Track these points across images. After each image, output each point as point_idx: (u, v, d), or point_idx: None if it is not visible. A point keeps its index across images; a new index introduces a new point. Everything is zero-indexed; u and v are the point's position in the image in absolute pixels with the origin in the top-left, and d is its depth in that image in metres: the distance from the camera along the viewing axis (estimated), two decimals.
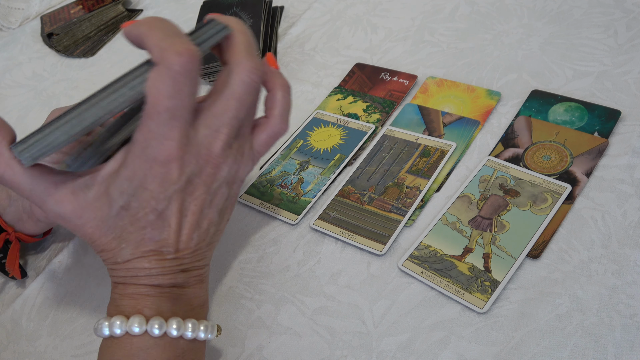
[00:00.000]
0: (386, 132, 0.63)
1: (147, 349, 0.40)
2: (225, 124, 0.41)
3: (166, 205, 0.41)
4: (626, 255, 0.47)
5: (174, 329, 0.41)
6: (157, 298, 0.42)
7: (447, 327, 0.47)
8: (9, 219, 0.59)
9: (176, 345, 0.41)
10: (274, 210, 0.59)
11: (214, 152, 0.41)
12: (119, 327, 0.41)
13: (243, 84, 0.40)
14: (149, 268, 0.42)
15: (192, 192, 0.41)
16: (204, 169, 0.41)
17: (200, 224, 0.43)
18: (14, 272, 0.59)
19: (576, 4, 0.69)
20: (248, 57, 0.40)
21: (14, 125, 0.89)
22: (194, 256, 0.44)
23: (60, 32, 0.96)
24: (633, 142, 0.54)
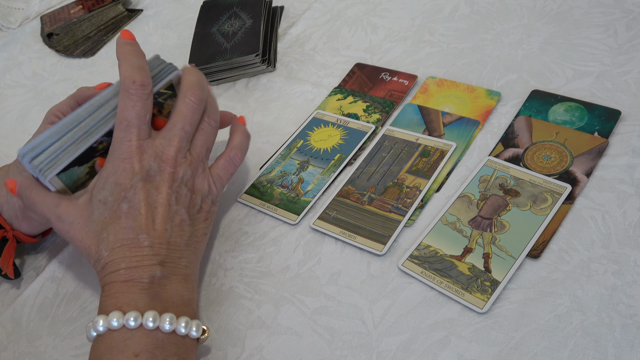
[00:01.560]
0: (386, 132, 0.63)
1: (125, 340, 0.44)
2: (175, 135, 0.51)
3: (133, 193, 0.49)
4: (626, 255, 0.47)
5: (149, 321, 0.44)
6: (136, 294, 0.46)
7: (447, 327, 0.47)
8: (6, 216, 0.59)
9: (154, 336, 0.44)
10: (274, 210, 0.59)
11: (168, 155, 0.51)
12: (102, 325, 0.45)
13: (185, 104, 0.52)
14: (129, 257, 0.47)
15: (156, 187, 0.50)
16: (163, 169, 0.50)
17: (173, 219, 0.50)
18: (7, 270, 0.59)
19: (576, 4, 0.69)
20: (189, 87, 0.53)
21: (14, 125, 0.90)
22: (171, 250, 0.49)
23: (60, 32, 0.96)
24: (633, 142, 0.54)
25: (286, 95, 0.72)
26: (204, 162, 0.54)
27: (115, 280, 0.47)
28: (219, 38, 0.77)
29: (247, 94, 0.75)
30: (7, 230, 0.58)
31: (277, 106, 0.71)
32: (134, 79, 0.49)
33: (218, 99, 0.75)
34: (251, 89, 0.75)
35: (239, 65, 0.75)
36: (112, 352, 0.44)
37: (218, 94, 0.76)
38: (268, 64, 0.75)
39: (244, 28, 0.77)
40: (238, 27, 0.78)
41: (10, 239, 0.59)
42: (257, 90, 0.74)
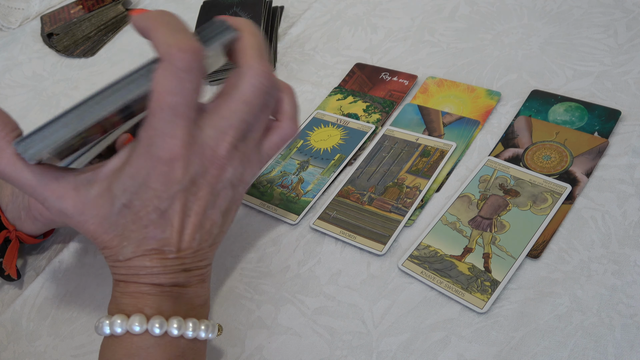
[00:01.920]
0: (386, 132, 0.63)
1: (148, 348, 0.40)
2: (232, 126, 0.41)
3: (169, 204, 0.40)
4: (626, 255, 0.47)
5: (174, 328, 0.41)
6: (158, 297, 0.42)
7: (447, 327, 0.47)
8: (9, 216, 0.58)
9: (177, 344, 0.41)
10: (274, 210, 0.59)
11: (219, 154, 0.41)
12: (120, 325, 0.40)
13: (253, 87, 0.40)
14: (150, 267, 0.42)
15: (195, 192, 0.41)
16: (208, 170, 0.41)
17: (203, 225, 0.43)
18: (10, 271, 0.59)
19: (576, 4, 0.69)
20: (259, 61, 0.40)
21: None
22: (196, 256, 0.44)
23: (60, 32, 0.96)
24: (633, 142, 0.54)
25: None
26: (259, 144, 0.44)
27: (134, 281, 0.42)
28: None
29: None
30: (10, 231, 0.58)
31: None
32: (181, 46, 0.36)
33: None
34: None
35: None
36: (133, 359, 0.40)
37: None
38: None
39: None
40: None
41: (13, 240, 0.59)
42: None
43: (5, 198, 0.58)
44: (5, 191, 0.58)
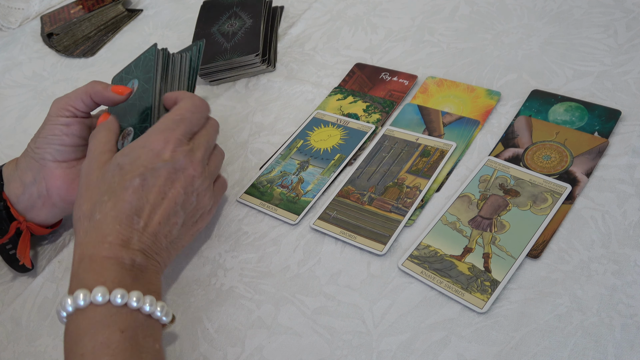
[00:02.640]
0: (386, 132, 0.63)
1: (111, 316, 0.44)
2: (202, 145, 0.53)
3: (152, 175, 0.49)
4: (626, 255, 0.47)
5: (134, 301, 0.44)
6: (118, 272, 0.46)
7: (447, 327, 0.47)
8: (21, 207, 0.59)
9: (135, 316, 0.45)
10: (274, 210, 0.59)
11: (197, 158, 0.52)
12: (83, 299, 0.44)
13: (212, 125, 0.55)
14: (117, 232, 0.47)
15: (174, 180, 0.50)
16: (187, 169, 0.51)
17: (170, 217, 0.50)
18: (24, 260, 0.60)
19: (576, 4, 0.69)
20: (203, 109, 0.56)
21: (14, 125, 0.90)
22: (154, 244, 0.49)
23: (60, 32, 0.96)
24: (633, 142, 0.54)
25: (286, 95, 0.72)
26: (212, 182, 0.55)
27: (97, 253, 0.46)
28: (219, 38, 0.77)
29: (247, 94, 0.75)
30: (21, 222, 0.59)
31: (277, 106, 0.71)
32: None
33: (218, 99, 0.75)
34: (251, 89, 0.75)
35: (239, 65, 0.74)
36: (96, 327, 0.43)
37: (218, 94, 0.76)
38: (268, 64, 0.75)
39: (244, 28, 0.77)
40: (238, 27, 0.78)
41: (25, 230, 0.60)
42: (257, 90, 0.74)
43: (15, 190, 0.59)
44: (14, 184, 0.59)
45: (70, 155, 0.58)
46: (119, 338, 0.43)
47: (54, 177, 0.58)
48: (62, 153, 0.58)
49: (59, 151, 0.58)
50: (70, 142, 0.58)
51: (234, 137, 0.69)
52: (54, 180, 0.58)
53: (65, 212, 0.62)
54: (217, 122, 0.56)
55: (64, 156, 0.58)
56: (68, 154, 0.58)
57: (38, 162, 0.58)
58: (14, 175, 0.59)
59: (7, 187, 0.59)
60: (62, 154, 0.58)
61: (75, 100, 0.58)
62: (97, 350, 0.42)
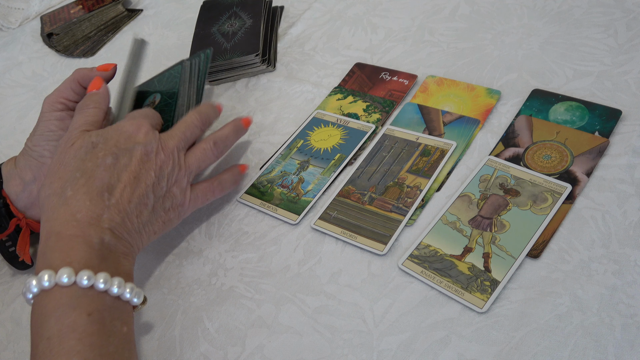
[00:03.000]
0: (386, 132, 0.63)
1: (78, 298, 0.43)
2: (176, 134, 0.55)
3: (125, 155, 0.51)
4: (626, 255, 0.47)
5: (101, 283, 0.44)
6: (85, 253, 0.45)
7: (448, 327, 0.47)
8: (21, 205, 0.59)
9: (102, 298, 0.44)
10: (274, 210, 0.59)
11: (168, 145, 0.54)
12: (48, 280, 0.43)
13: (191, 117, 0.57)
14: (87, 208, 0.47)
15: (146, 161, 0.51)
16: (159, 153, 0.52)
17: (141, 199, 0.50)
18: (24, 256, 0.60)
19: (576, 3, 0.69)
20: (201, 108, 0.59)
21: (14, 125, 0.90)
22: (124, 222, 0.49)
23: (60, 32, 0.96)
24: (633, 142, 0.54)
25: (286, 95, 0.72)
26: (189, 176, 0.55)
27: (64, 231, 0.46)
28: (219, 38, 0.77)
29: (247, 94, 0.75)
30: (20, 218, 0.59)
31: (277, 106, 0.71)
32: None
33: (218, 98, 0.75)
34: (251, 89, 0.75)
35: (239, 65, 0.74)
36: (63, 309, 0.42)
37: (218, 94, 0.76)
38: (268, 64, 0.75)
39: (244, 28, 0.77)
40: (238, 27, 0.78)
41: (24, 227, 0.60)
42: (257, 90, 0.74)
43: (15, 188, 0.59)
44: (13, 181, 0.59)
45: None
46: (86, 321, 0.42)
47: None
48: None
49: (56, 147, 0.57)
50: None
51: None
52: None
53: None
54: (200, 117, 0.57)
55: None
56: None
57: (37, 160, 0.58)
58: (13, 173, 0.59)
59: (6, 185, 0.59)
60: None
61: (65, 91, 0.59)
62: (64, 333, 0.41)
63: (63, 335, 0.41)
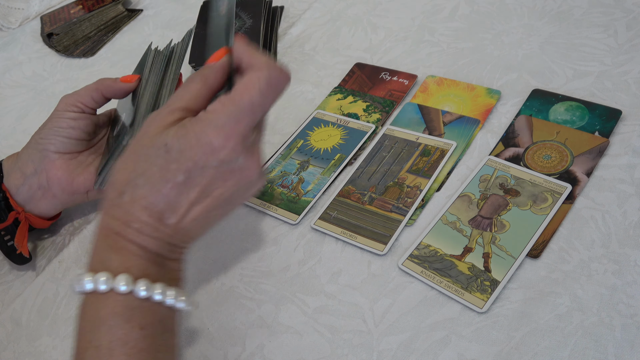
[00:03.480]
0: (386, 132, 0.63)
1: (132, 309, 0.41)
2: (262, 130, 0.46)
3: (199, 174, 0.42)
4: (626, 255, 0.47)
5: (158, 294, 0.41)
6: (145, 260, 0.42)
7: (448, 327, 0.47)
8: (20, 198, 0.60)
9: (157, 311, 0.42)
10: (275, 210, 0.59)
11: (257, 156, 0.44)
12: (105, 283, 0.41)
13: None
14: (144, 223, 0.42)
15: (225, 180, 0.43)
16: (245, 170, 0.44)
17: (209, 213, 0.44)
18: (22, 249, 0.60)
19: (576, 3, 0.69)
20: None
21: (14, 125, 0.90)
22: (184, 237, 0.44)
23: (60, 32, 0.96)
24: (633, 142, 0.54)
25: (286, 95, 0.72)
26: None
27: (124, 233, 0.42)
28: None
29: None
30: (19, 212, 0.60)
31: (277, 106, 0.71)
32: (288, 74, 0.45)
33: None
34: None
35: None
36: (116, 319, 0.40)
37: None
38: None
39: (244, 28, 0.77)
40: (238, 27, 0.78)
41: (23, 221, 0.60)
42: None
43: (15, 181, 0.60)
44: (14, 175, 0.60)
45: (74, 147, 0.60)
46: (138, 336, 0.40)
47: (55, 167, 0.59)
48: (66, 145, 0.59)
49: (64, 143, 0.59)
50: (76, 135, 0.59)
51: None
52: (55, 170, 0.58)
53: (64, 205, 0.62)
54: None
55: (68, 148, 0.59)
56: (72, 146, 0.59)
57: (40, 152, 0.59)
58: (14, 167, 0.60)
59: (6, 179, 0.60)
60: (66, 145, 0.59)
61: (85, 97, 0.59)
62: (114, 346, 0.40)
63: (113, 348, 0.40)
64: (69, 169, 0.59)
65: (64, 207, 0.63)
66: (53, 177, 0.59)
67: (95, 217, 0.66)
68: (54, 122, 0.59)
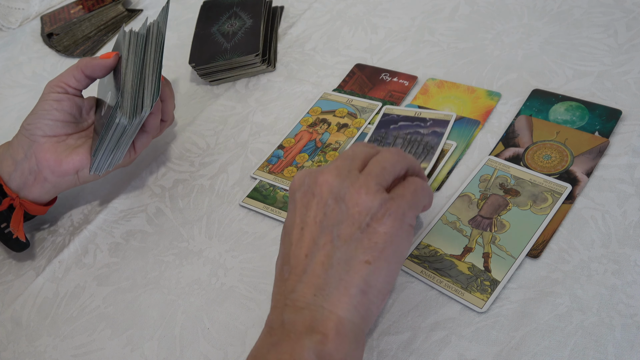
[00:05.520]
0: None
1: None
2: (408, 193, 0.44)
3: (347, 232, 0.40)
4: (626, 255, 0.47)
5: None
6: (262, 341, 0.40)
7: (447, 327, 0.47)
8: (14, 185, 0.60)
9: None
10: (278, 213, 0.59)
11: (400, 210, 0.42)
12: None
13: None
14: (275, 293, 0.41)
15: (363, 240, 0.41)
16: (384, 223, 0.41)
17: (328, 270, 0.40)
18: (18, 233, 0.61)
19: (576, 3, 0.69)
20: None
21: (14, 125, 0.90)
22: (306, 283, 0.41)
23: (60, 32, 0.96)
24: (633, 141, 0.54)
25: (286, 95, 0.72)
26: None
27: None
28: (219, 38, 0.77)
29: (247, 94, 0.75)
30: (14, 198, 0.60)
31: (277, 106, 0.71)
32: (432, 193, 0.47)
33: (218, 99, 0.75)
34: (251, 89, 0.75)
35: (239, 65, 0.74)
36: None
37: (218, 94, 0.76)
38: (268, 64, 0.75)
39: (244, 28, 0.77)
40: (238, 27, 0.78)
41: (17, 207, 0.61)
42: (257, 90, 0.74)
43: (7, 168, 0.60)
44: (6, 162, 0.61)
45: (60, 130, 0.60)
46: None
47: (43, 150, 0.59)
48: (51, 127, 0.59)
49: (49, 125, 0.59)
50: (61, 117, 0.60)
51: (234, 137, 0.69)
52: (43, 153, 0.59)
53: (58, 189, 0.62)
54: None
55: (54, 131, 0.60)
56: (57, 129, 0.60)
57: (28, 138, 0.59)
58: (6, 154, 0.61)
59: None
60: (52, 128, 0.60)
61: (67, 77, 0.60)
62: None
63: None
64: (57, 151, 0.59)
65: (58, 191, 0.63)
66: (42, 160, 0.59)
67: (95, 217, 0.66)
68: (39, 107, 0.60)
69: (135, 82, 0.57)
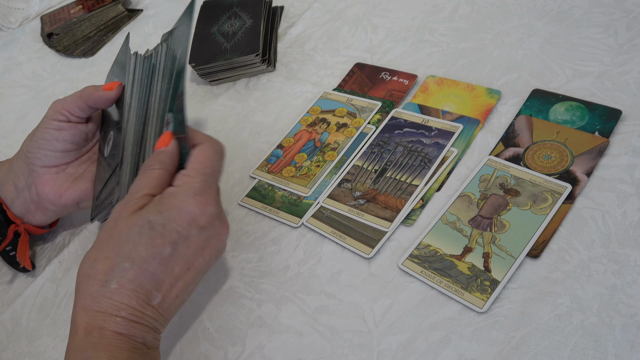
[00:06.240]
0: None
1: None
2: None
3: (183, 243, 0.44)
4: (626, 255, 0.47)
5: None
6: (131, 353, 0.41)
7: (448, 327, 0.47)
8: (17, 210, 0.59)
9: None
10: (276, 213, 0.59)
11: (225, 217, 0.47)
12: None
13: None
14: (133, 308, 0.42)
15: (204, 248, 0.46)
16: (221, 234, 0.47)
17: (188, 287, 0.46)
18: (25, 263, 0.60)
19: (576, 3, 0.69)
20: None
21: (14, 125, 0.90)
22: (165, 318, 0.45)
23: (60, 32, 0.96)
24: (633, 142, 0.54)
25: (286, 95, 0.72)
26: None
27: (108, 327, 0.41)
28: (219, 38, 0.77)
29: (247, 94, 0.75)
30: (18, 224, 0.59)
31: (277, 106, 0.71)
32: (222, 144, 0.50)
33: (218, 99, 0.75)
34: (251, 89, 0.75)
35: (239, 65, 0.74)
36: None
37: (218, 94, 0.76)
38: (268, 64, 0.75)
39: (244, 28, 0.77)
40: (238, 27, 0.78)
41: (23, 233, 0.60)
42: (257, 90, 0.74)
43: (10, 194, 0.59)
44: (8, 186, 0.59)
45: (60, 160, 0.58)
46: None
47: (42, 182, 0.58)
48: (50, 158, 0.57)
49: (48, 156, 0.57)
50: (61, 147, 0.57)
51: (234, 137, 0.69)
52: (42, 186, 0.58)
53: (59, 214, 0.62)
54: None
55: (53, 161, 0.58)
56: (57, 159, 0.58)
57: (28, 166, 0.58)
58: (8, 177, 0.59)
59: (1, 190, 0.59)
60: (51, 159, 0.58)
61: (70, 104, 0.57)
62: None
63: None
64: (56, 184, 0.58)
65: (60, 215, 0.63)
66: (42, 193, 0.58)
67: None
68: (40, 134, 0.57)
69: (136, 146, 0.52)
